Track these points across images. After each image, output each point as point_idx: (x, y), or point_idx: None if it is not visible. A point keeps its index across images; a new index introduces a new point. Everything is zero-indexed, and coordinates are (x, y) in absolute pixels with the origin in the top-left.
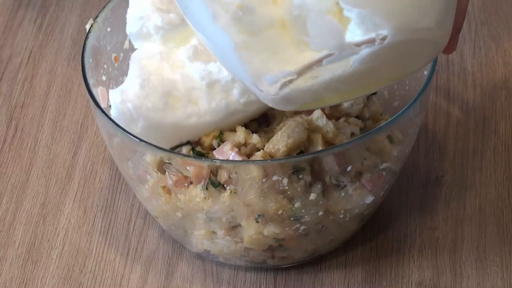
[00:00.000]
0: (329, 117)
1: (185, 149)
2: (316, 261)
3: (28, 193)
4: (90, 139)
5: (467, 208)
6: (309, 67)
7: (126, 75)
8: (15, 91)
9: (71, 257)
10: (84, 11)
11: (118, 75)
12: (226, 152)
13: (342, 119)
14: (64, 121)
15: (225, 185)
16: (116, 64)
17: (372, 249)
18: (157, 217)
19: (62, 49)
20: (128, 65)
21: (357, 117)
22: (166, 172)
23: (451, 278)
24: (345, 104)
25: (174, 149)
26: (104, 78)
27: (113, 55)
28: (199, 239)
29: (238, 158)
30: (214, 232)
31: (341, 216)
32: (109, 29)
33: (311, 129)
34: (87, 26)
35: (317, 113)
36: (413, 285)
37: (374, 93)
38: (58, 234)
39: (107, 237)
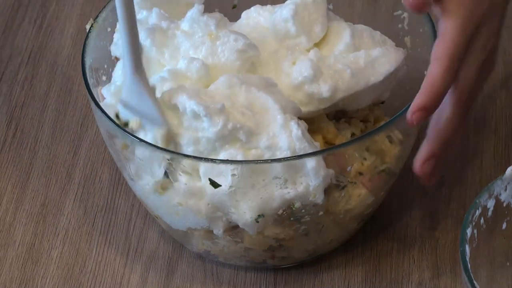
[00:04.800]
0: (329, 117)
1: None
2: (316, 261)
3: (28, 193)
4: (90, 139)
5: (467, 208)
6: None
7: None
8: (15, 91)
9: (71, 257)
10: (84, 11)
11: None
12: None
13: (343, 120)
14: (64, 121)
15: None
16: (116, 66)
17: (372, 249)
18: (156, 217)
19: (62, 49)
20: None
21: (361, 121)
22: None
23: (451, 278)
24: (350, 109)
25: None
26: (104, 78)
27: (114, 55)
28: (199, 239)
29: None
30: (213, 232)
31: (341, 216)
32: (109, 29)
33: (312, 130)
34: (87, 26)
35: (317, 113)
36: (413, 285)
37: (382, 102)
38: (58, 234)
39: (107, 237)
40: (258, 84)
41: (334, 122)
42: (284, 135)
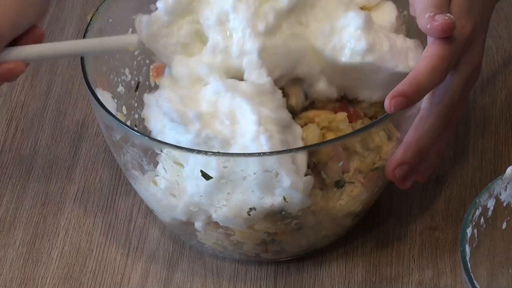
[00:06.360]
0: (350, 120)
1: None
2: (315, 261)
3: (28, 193)
4: (90, 139)
5: (467, 208)
6: None
7: (128, 65)
8: (15, 91)
9: (71, 257)
10: (84, 11)
11: (120, 66)
12: None
13: (360, 121)
14: (64, 121)
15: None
16: (117, 55)
17: (372, 249)
18: (153, 209)
19: None
20: (129, 56)
21: (371, 118)
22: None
23: (451, 278)
24: (364, 104)
25: None
26: (104, 68)
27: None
28: (193, 231)
29: None
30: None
31: (334, 211)
32: (110, 20)
33: (330, 128)
34: (89, 17)
35: (341, 116)
36: (413, 285)
37: None
38: (59, 234)
39: (107, 236)
40: (247, 91)
41: (352, 124)
42: (253, 149)
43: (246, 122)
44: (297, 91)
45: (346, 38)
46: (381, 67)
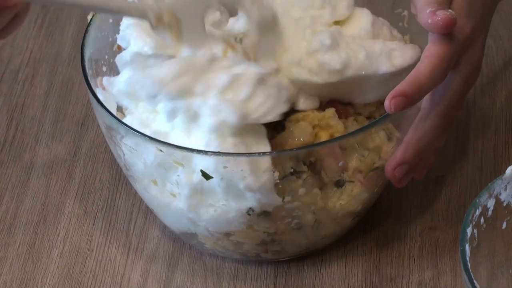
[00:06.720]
0: (340, 116)
1: None
2: (315, 261)
3: (28, 193)
4: (90, 139)
5: (467, 208)
6: None
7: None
8: (15, 91)
9: (71, 257)
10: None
11: None
12: None
13: (351, 118)
14: (65, 121)
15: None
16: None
17: (372, 249)
18: (152, 209)
19: (63, 49)
20: None
21: (368, 118)
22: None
23: (451, 278)
24: (359, 104)
25: None
26: (104, 68)
27: (116, 45)
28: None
29: None
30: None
31: (334, 211)
32: (110, 20)
33: (321, 126)
34: (89, 17)
35: (330, 112)
36: (413, 285)
37: None
38: (59, 233)
39: (107, 236)
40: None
41: (343, 120)
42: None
43: (201, 133)
44: None
45: (319, 61)
46: (363, 75)
